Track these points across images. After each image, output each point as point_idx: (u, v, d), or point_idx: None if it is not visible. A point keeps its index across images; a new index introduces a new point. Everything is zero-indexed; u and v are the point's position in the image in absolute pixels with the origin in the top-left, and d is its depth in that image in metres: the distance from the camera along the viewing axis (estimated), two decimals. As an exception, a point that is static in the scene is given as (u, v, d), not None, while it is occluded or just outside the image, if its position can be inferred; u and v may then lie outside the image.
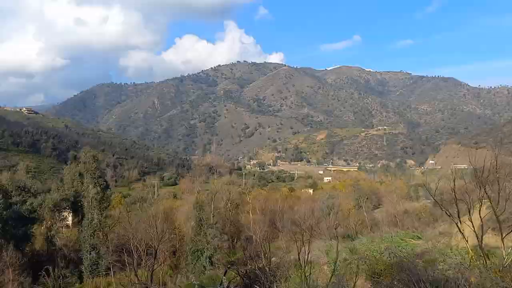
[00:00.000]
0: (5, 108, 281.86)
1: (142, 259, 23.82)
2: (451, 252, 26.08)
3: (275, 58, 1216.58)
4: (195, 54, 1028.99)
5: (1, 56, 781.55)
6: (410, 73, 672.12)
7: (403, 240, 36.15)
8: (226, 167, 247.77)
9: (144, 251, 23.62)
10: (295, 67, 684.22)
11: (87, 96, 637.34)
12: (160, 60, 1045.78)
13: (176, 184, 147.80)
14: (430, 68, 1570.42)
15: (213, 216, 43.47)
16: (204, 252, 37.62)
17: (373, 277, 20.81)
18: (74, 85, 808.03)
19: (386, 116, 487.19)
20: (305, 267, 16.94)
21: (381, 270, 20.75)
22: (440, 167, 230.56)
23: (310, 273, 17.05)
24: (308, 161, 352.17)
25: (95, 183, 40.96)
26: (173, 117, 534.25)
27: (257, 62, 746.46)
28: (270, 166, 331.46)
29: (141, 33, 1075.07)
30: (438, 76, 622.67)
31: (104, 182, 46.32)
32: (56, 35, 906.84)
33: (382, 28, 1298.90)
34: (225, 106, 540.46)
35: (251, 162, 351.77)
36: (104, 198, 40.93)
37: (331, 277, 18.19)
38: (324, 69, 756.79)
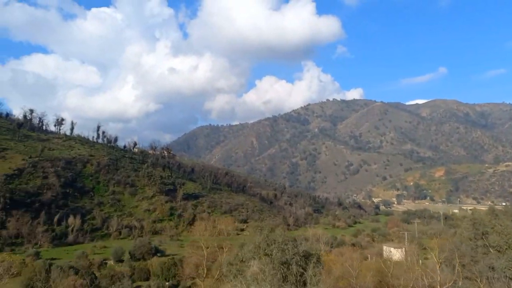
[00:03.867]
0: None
1: None
2: None
3: (354, 94, 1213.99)
4: (274, 94, 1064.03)
5: (104, 104, 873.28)
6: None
7: None
8: (370, 206, 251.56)
9: None
10: (387, 102, 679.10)
11: (190, 138, 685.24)
12: (241, 102, 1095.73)
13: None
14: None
15: None
16: None
17: None
18: (164, 128, 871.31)
19: (503, 151, 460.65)
20: None
21: None
22: None
23: None
24: (432, 199, 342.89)
25: None
26: (274, 156, 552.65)
27: (347, 99, 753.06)
28: (395, 205, 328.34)
29: (226, 78, 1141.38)
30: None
31: None
32: (151, 84, 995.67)
33: (470, 59, 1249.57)
34: (324, 143, 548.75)
35: (371, 200, 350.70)
36: None
37: None
38: (414, 103, 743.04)
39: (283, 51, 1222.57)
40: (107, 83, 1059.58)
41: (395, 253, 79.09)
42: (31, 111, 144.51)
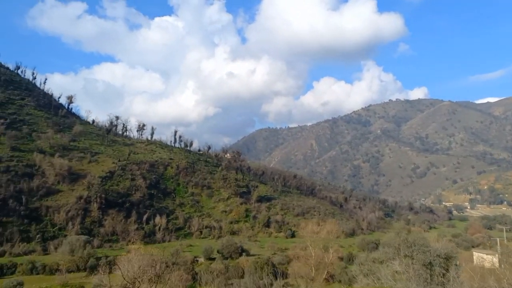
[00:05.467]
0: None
1: None
2: None
3: (418, 93, 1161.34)
4: (333, 95, 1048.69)
5: (166, 109, 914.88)
6: None
7: None
8: (442, 211, 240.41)
9: None
10: (455, 101, 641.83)
11: (249, 141, 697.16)
12: (299, 104, 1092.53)
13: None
14: None
15: None
16: None
17: None
18: (223, 131, 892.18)
19: None
20: None
21: None
22: None
23: None
24: (510, 204, 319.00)
25: None
26: (334, 158, 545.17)
27: (410, 99, 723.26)
28: (468, 210, 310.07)
29: (284, 80, 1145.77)
30: None
31: None
32: (210, 88, 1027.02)
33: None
34: (387, 145, 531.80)
35: (441, 204, 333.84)
36: None
37: None
38: (485, 101, 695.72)
39: (341, 52, 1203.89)
40: (169, 89, 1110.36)
41: (487, 259, 76.14)
42: (117, 117, 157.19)
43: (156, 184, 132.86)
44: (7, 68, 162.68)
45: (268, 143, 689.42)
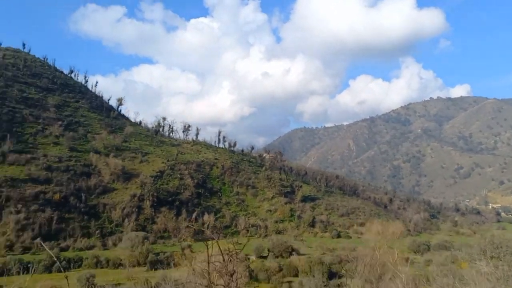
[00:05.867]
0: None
1: None
2: None
3: (461, 91, 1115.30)
4: (370, 94, 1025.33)
5: (202, 109, 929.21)
6: None
7: None
8: (490, 213, 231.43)
9: None
10: (500, 99, 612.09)
11: (285, 141, 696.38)
12: (334, 103, 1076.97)
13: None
14: None
15: None
16: None
17: None
18: (258, 131, 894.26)
19: None
20: None
21: None
22: None
23: None
24: None
25: None
26: (373, 158, 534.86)
27: (452, 97, 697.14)
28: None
29: (319, 79, 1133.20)
30: None
31: None
32: (245, 88, 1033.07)
33: None
34: (428, 145, 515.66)
35: (488, 206, 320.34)
36: None
37: None
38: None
39: (379, 49, 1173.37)
40: (205, 89, 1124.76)
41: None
42: (164, 119, 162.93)
43: (203, 183, 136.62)
44: (62, 72, 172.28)
45: (304, 143, 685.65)
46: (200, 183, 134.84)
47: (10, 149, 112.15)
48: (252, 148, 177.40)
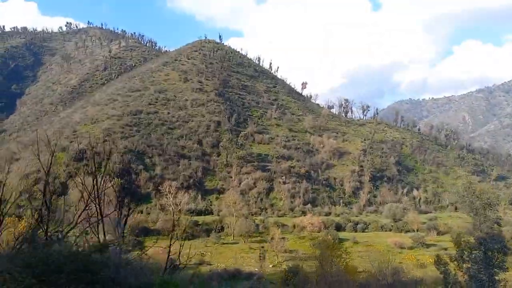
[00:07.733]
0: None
1: None
2: None
3: None
4: (477, 61, 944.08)
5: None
6: None
7: None
8: None
9: None
10: None
11: (389, 113, 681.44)
12: (435, 72, 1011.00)
13: None
14: None
15: None
16: None
17: None
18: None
19: None
20: None
21: None
22: None
23: None
24: None
25: None
26: (494, 133, 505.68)
27: None
28: None
29: (419, 47, 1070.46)
30: None
31: None
32: (337, 59, 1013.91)
33: None
34: None
35: None
36: None
37: None
38: None
39: (489, 10, 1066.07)
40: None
41: None
42: (346, 100, 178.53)
43: (398, 161, 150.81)
44: (250, 59, 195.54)
45: (411, 115, 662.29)
46: (397, 161, 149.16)
47: (254, 131, 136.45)
48: (432, 127, 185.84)
